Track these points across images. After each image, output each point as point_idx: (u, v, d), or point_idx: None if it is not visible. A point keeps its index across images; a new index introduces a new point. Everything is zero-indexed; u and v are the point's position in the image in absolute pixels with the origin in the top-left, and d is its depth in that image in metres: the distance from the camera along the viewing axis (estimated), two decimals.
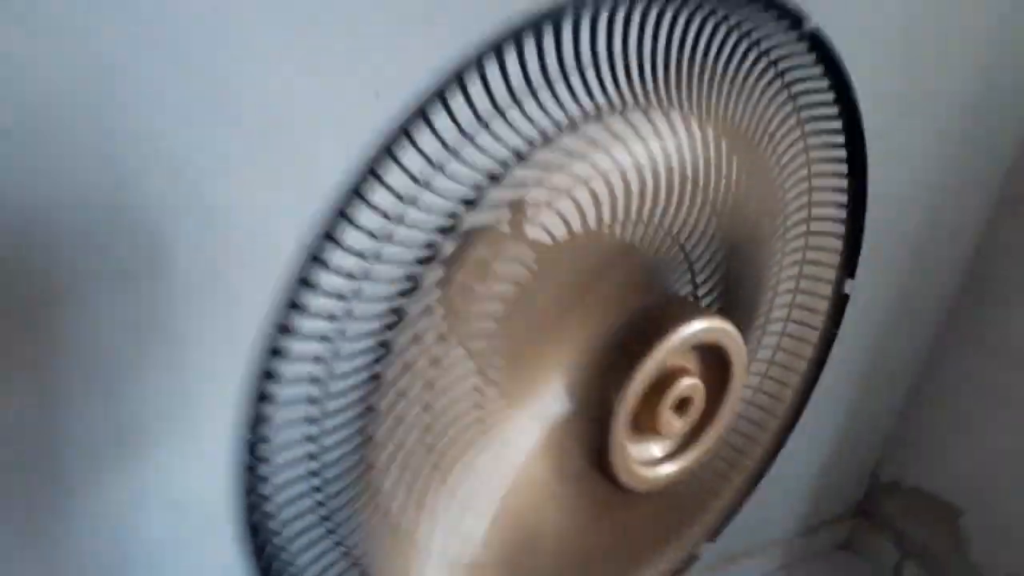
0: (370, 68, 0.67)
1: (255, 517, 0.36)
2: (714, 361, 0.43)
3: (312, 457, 0.38)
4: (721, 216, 0.47)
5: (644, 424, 0.41)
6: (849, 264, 0.55)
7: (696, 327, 0.40)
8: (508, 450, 0.40)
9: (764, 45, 0.43)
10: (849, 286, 0.56)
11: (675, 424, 0.42)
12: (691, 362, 0.42)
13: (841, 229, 0.55)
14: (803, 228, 0.54)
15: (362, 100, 0.67)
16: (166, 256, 0.65)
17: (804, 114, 0.48)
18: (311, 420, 0.37)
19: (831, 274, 0.56)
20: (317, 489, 0.39)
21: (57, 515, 0.71)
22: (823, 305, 0.56)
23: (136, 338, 0.67)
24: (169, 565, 0.80)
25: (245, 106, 0.64)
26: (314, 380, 0.37)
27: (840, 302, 0.56)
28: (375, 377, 0.37)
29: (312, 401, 0.37)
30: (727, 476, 0.55)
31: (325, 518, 0.40)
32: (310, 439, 0.38)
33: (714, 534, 0.58)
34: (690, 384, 0.41)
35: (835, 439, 1.46)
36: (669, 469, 0.43)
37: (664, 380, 0.41)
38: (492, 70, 0.33)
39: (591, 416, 0.41)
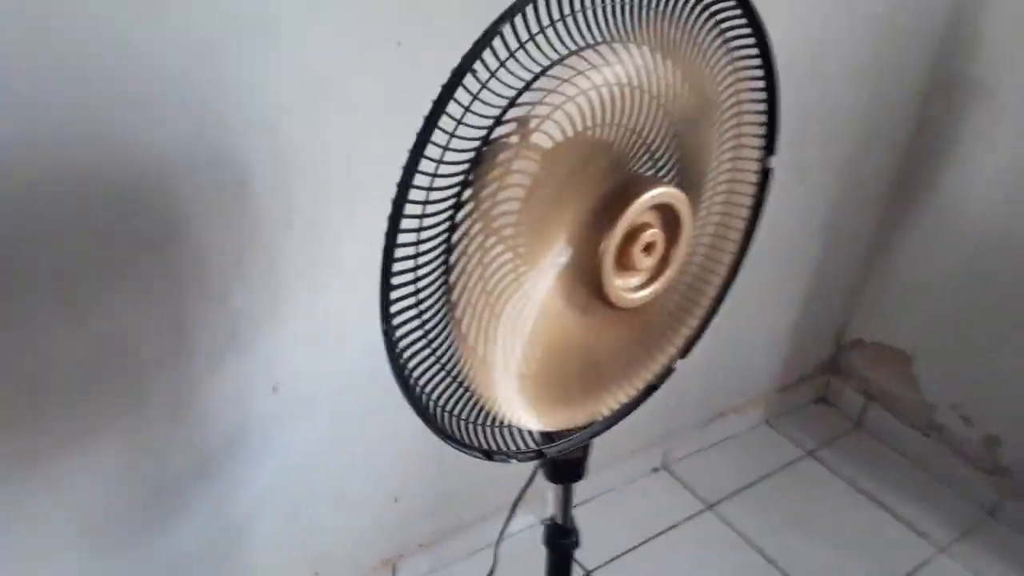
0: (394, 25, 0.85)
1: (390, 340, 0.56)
2: (669, 217, 0.62)
3: (419, 314, 0.57)
4: (670, 116, 0.66)
5: (624, 263, 0.62)
6: (769, 145, 0.74)
7: (653, 193, 0.60)
8: (535, 291, 0.60)
9: None
10: (771, 161, 0.75)
11: (645, 261, 0.62)
12: (653, 219, 0.62)
13: (763, 118, 0.74)
14: (734, 120, 0.73)
15: (390, 47, 0.85)
16: (250, 189, 0.84)
17: (728, 35, 0.67)
18: (415, 292, 0.56)
19: (757, 153, 0.75)
20: (424, 330, 0.58)
21: (191, 404, 0.92)
22: (752, 177, 0.75)
23: (237, 256, 0.87)
24: (273, 439, 1.01)
25: (306, 64, 0.82)
26: (411, 266, 0.55)
27: (765, 175, 0.76)
28: (447, 261, 0.56)
29: (414, 279, 0.56)
30: (691, 306, 0.75)
31: (432, 350, 0.59)
32: (416, 303, 0.57)
33: (685, 352, 0.79)
34: (653, 232, 0.61)
35: (803, 305, 1.67)
36: (645, 292, 0.64)
37: (635, 231, 0.61)
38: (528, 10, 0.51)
39: (589, 261, 0.61)
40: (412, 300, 0.56)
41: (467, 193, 0.56)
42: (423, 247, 0.55)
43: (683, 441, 1.62)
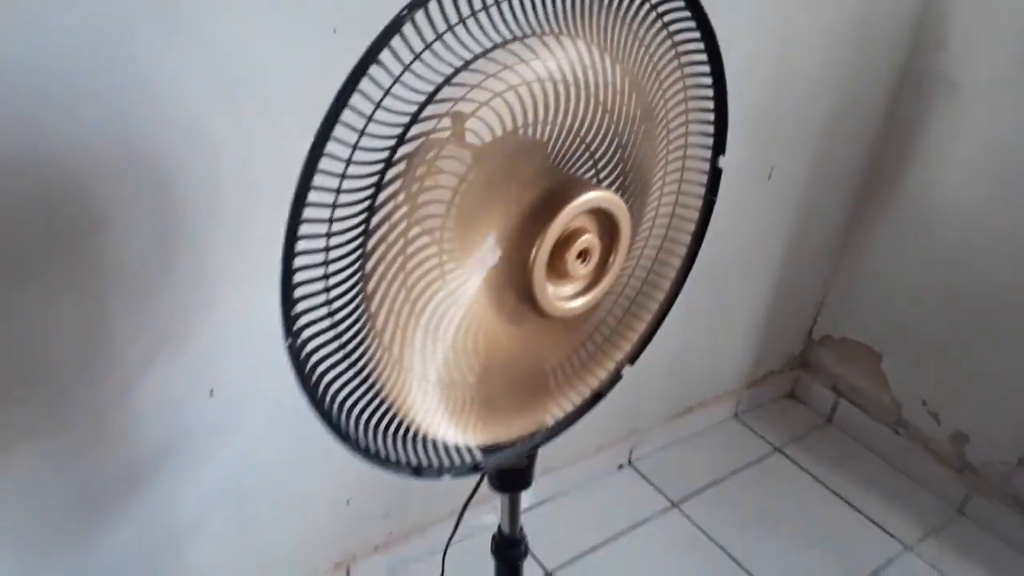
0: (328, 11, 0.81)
1: (297, 357, 0.52)
2: (608, 223, 0.59)
3: (331, 314, 0.54)
4: (611, 114, 0.62)
5: (558, 270, 0.58)
6: (719, 144, 0.71)
7: (587, 197, 0.57)
8: (462, 293, 0.57)
9: None
10: (721, 161, 0.72)
11: (580, 268, 0.59)
12: (590, 224, 0.59)
13: (711, 117, 0.70)
14: (682, 119, 0.69)
15: (324, 35, 0.81)
16: (175, 184, 0.80)
17: (676, 37, 0.63)
18: (326, 289, 0.53)
19: (707, 153, 0.72)
20: (336, 333, 0.55)
21: (119, 409, 0.88)
22: (703, 178, 0.72)
23: (162, 254, 0.83)
24: (211, 443, 0.98)
25: (230, 53, 0.78)
26: (322, 262, 0.52)
27: (715, 175, 0.73)
28: (364, 249, 0.53)
29: (323, 276, 0.52)
30: (639, 312, 0.72)
31: (346, 355, 0.56)
32: (327, 302, 0.53)
33: (633, 359, 0.76)
34: (587, 239, 0.58)
35: (772, 302, 1.65)
36: (579, 302, 0.60)
37: (569, 237, 0.58)
38: (432, 6, 0.47)
39: (519, 266, 0.58)
40: (322, 297, 0.53)
41: (389, 187, 0.52)
42: (336, 238, 0.51)
43: (649, 437, 1.59)
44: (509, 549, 0.83)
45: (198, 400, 0.93)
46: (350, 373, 0.56)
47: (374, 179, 0.51)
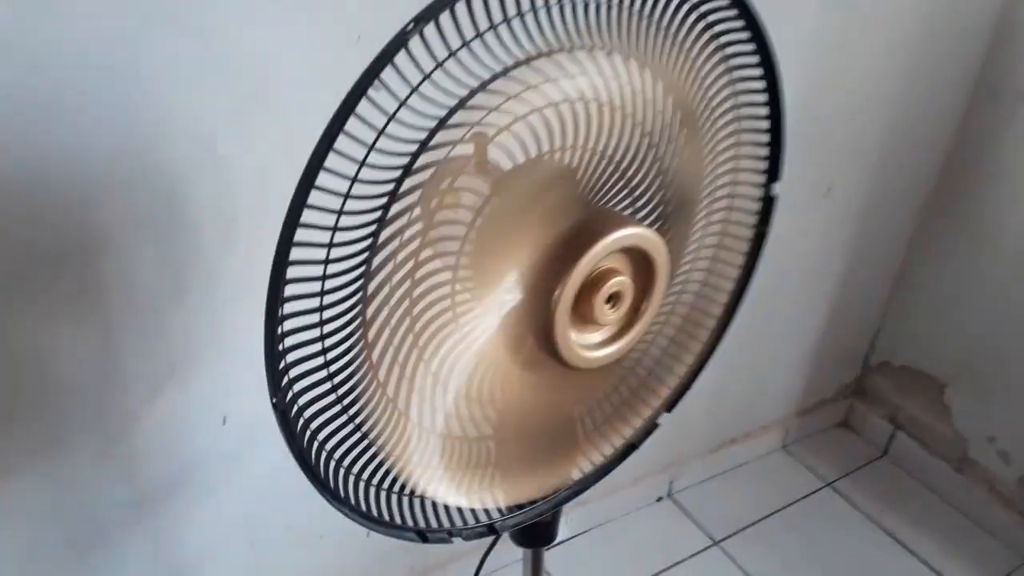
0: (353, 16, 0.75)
1: (286, 416, 0.46)
2: (642, 263, 0.52)
3: (326, 364, 0.48)
4: (650, 138, 0.55)
5: (584, 315, 0.51)
6: (773, 169, 0.63)
7: (620, 235, 0.50)
8: (473, 336, 0.50)
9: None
10: (775, 189, 0.64)
11: (609, 314, 0.52)
12: (622, 264, 0.52)
13: (766, 139, 0.62)
14: (732, 141, 0.62)
15: (347, 44, 0.75)
16: (186, 203, 0.75)
17: (727, 51, 0.56)
18: (322, 322, 0.47)
19: (759, 179, 0.64)
20: (331, 377, 0.49)
21: (124, 439, 0.83)
22: (753, 206, 0.64)
23: (173, 279, 0.78)
24: (221, 473, 0.93)
25: (244, 63, 0.72)
26: (316, 307, 0.46)
27: (768, 204, 0.65)
28: (364, 293, 0.47)
29: (320, 307, 0.46)
30: (677, 357, 0.65)
31: (343, 410, 0.50)
32: (322, 352, 0.47)
33: (671, 406, 0.69)
34: (619, 281, 0.51)
35: (825, 325, 1.55)
36: (605, 352, 0.53)
37: (598, 278, 0.51)
38: (461, 9, 0.41)
39: (540, 308, 0.51)
40: (316, 347, 0.47)
41: (395, 222, 0.46)
42: (332, 281, 0.45)
43: (690, 468, 1.51)
44: None
45: (210, 428, 0.88)
46: (347, 429, 0.50)
47: (377, 213, 0.45)
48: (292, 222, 0.42)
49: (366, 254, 0.46)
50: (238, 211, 0.78)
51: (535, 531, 0.71)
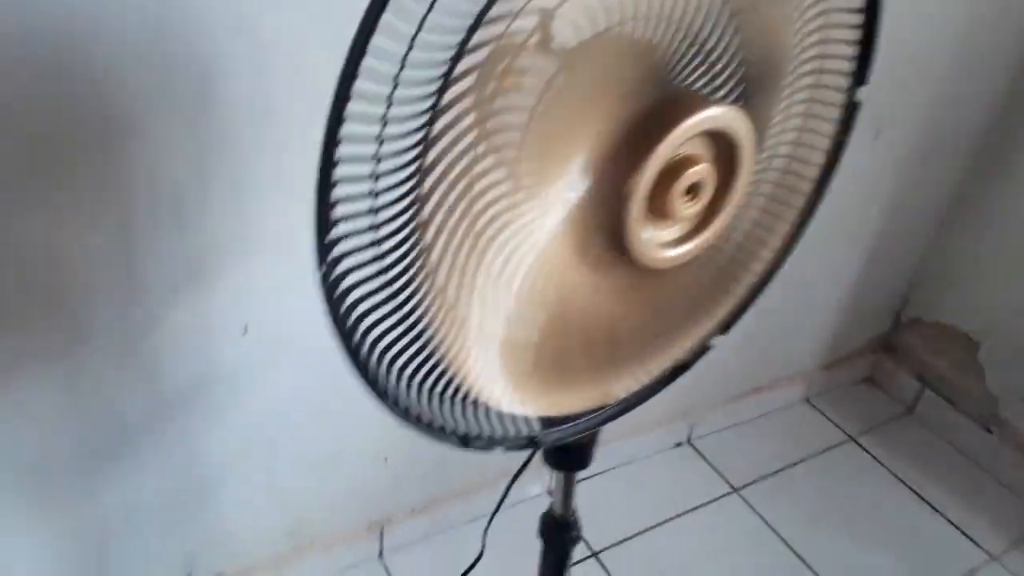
0: None
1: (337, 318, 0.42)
2: (724, 150, 0.47)
3: (376, 242, 0.43)
4: (740, 18, 0.49)
5: (658, 209, 0.46)
6: (860, 72, 0.57)
7: (705, 115, 0.44)
8: (534, 230, 0.45)
9: None
10: (861, 94, 0.59)
11: (687, 208, 0.47)
12: (703, 150, 0.47)
13: (856, 36, 0.57)
14: (819, 36, 0.56)
15: None
16: (219, 90, 0.70)
17: None
18: (372, 210, 0.42)
19: (843, 83, 0.58)
20: (382, 267, 0.44)
21: (145, 340, 0.79)
22: (835, 112, 0.59)
23: (200, 173, 0.73)
24: (243, 387, 0.89)
25: None
26: (369, 175, 0.41)
27: (851, 110, 0.59)
28: (421, 163, 0.42)
29: (369, 193, 0.42)
30: (739, 270, 0.60)
31: (391, 294, 0.45)
32: (372, 227, 0.43)
33: (726, 327, 0.64)
34: (700, 170, 0.46)
35: (859, 276, 1.50)
36: (682, 249, 0.48)
37: (676, 167, 0.46)
38: None
39: (610, 201, 0.46)
40: (366, 220, 0.42)
41: (456, 86, 0.41)
42: (389, 145, 0.40)
43: (711, 415, 1.47)
44: (560, 533, 0.73)
45: (230, 337, 0.84)
46: (395, 317, 0.45)
47: (429, 100, 0.40)
48: (342, 95, 0.37)
49: (419, 148, 0.41)
50: (274, 103, 0.73)
51: (572, 453, 0.67)
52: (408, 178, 0.42)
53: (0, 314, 0.70)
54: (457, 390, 0.49)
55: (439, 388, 0.48)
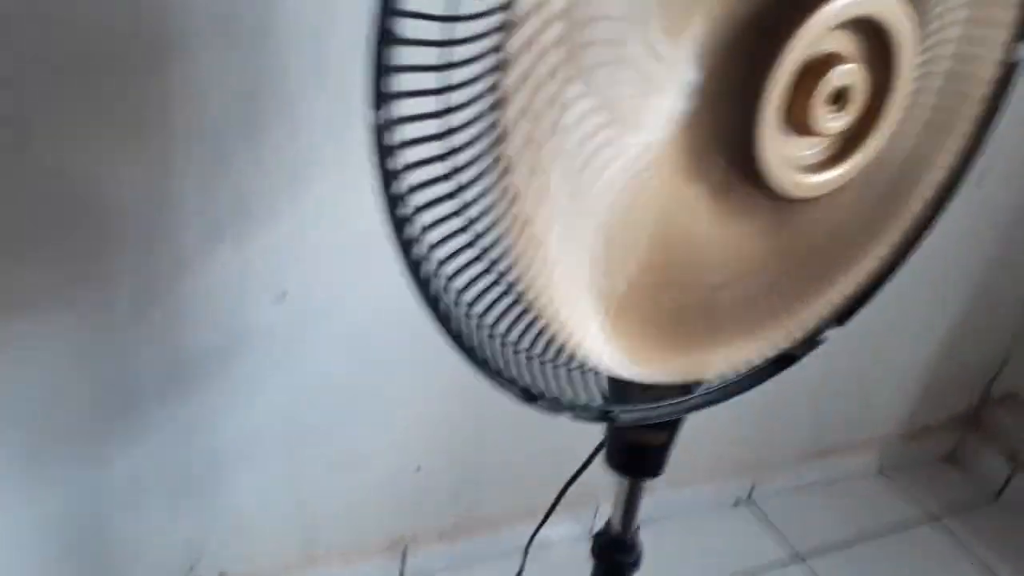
0: None
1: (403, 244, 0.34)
2: (877, 50, 0.38)
3: (449, 176, 0.36)
4: None
5: (795, 120, 0.38)
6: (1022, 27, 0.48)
7: None
8: (633, 144, 0.36)
9: None
10: (1022, 51, 0.50)
11: (832, 121, 0.38)
12: (851, 48, 0.38)
13: None
14: None
15: None
16: (278, 10, 0.64)
17: None
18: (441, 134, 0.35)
19: (1002, 36, 0.49)
20: (451, 166, 0.36)
21: (170, 291, 0.73)
22: (989, 72, 0.50)
23: (249, 106, 0.67)
24: (271, 362, 0.81)
25: None
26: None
27: (1008, 71, 0.50)
28: (498, 103, 0.34)
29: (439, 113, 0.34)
30: (864, 243, 0.50)
31: (469, 235, 0.37)
32: (443, 155, 0.35)
33: (843, 317, 0.54)
34: (849, 70, 0.37)
35: (947, 340, 1.38)
36: (829, 175, 0.39)
37: (818, 66, 0.37)
38: None
39: (733, 109, 0.38)
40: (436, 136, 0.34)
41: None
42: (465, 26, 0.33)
43: (775, 474, 1.34)
44: (618, 553, 0.62)
45: (265, 302, 0.77)
46: (464, 242, 0.37)
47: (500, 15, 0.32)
48: None
49: (494, 75, 0.33)
50: (336, 23, 0.66)
51: (644, 453, 0.57)
52: (480, 116, 0.33)
53: (15, 238, 0.64)
54: (527, 324, 0.40)
55: (506, 317, 0.40)
